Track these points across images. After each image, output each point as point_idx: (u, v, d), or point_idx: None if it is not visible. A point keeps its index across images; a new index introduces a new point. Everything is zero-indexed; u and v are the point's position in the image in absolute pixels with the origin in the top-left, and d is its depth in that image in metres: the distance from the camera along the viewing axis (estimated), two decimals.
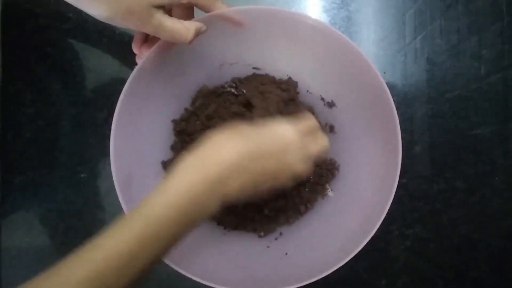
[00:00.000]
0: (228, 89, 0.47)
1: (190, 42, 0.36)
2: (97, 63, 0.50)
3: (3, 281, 0.48)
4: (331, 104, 0.46)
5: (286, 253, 0.43)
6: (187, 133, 0.46)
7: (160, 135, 0.45)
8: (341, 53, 0.40)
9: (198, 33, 0.36)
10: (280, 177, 0.33)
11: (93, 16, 0.32)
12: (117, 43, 0.50)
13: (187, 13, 0.38)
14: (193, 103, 0.47)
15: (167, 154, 0.46)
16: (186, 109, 0.47)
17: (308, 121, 0.37)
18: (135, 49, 0.40)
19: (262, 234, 0.45)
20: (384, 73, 0.51)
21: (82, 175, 0.49)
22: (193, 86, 0.47)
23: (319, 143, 0.37)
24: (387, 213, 0.37)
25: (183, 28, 0.35)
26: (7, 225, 0.48)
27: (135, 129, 0.41)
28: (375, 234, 0.36)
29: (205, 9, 0.38)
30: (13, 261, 0.48)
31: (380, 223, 0.37)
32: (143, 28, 0.34)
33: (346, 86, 0.44)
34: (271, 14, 0.40)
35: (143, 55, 0.39)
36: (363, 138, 0.44)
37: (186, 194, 0.29)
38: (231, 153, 0.30)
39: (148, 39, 0.40)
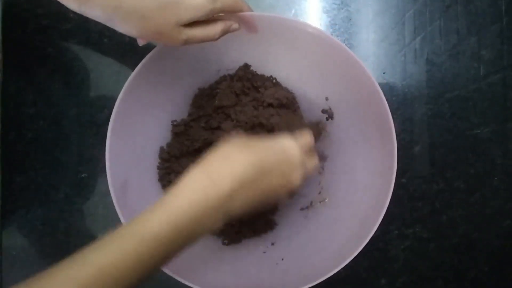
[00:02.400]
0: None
1: (217, 38, 0.37)
2: (97, 63, 0.50)
3: (4, 281, 0.48)
4: (327, 108, 0.47)
5: (282, 259, 0.43)
6: (185, 136, 0.46)
7: (156, 140, 0.45)
8: (338, 59, 0.41)
9: (226, 31, 0.37)
10: (280, 192, 0.33)
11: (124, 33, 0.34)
12: (117, 43, 0.50)
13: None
14: (191, 108, 0.47)
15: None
16: (189, 114, 0.47)
17: (308, 139, 0.37)
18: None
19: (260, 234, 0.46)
20: (384, 73, 0.51)
21: (82, 175, 0.49)
22: (190, 91, 0.47)
23: (313, 162, 0.37)
24: (387, 213, 0.37)
25: (211, 30, 0.36)
26: (8, 225, 0.49)
27: (131, 134, 0.41)
28: (375, 234, 0.37)
29: (235, 12, 0.38)
30: (14, 260, 0.48)
31: (377, 226, 0.37)
32: (172, 44, 0.35)
33: (342, 90, 0.44)
34: (269, 20, 0.40)
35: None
36: (359, 141, 0.44)
37: (188, 213, 0.27)
38: (240, 168, 0.30)
39: None
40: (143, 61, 0.38)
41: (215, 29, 0.36)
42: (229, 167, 0.30)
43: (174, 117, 0.46)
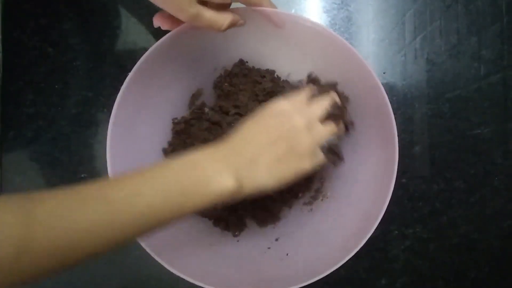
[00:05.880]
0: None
1: (224, 30, 0.36)
2: (97, 63, 0.50)
3: None
4: None
5: (287, 254, 0.43)
6: (186, 135, 0.46)
7: (156, 139, 0.45)
8: (339, 55, 0.40)
9: (233, 24, 0.37)
10: (294, 145, 0.34)
11: None
12: (117, 43, 0.50)
13: (222, 8, 0.38)
14: (189, 107, 0.47)
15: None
16: (192, 112, 0.47)
17: (302, 95, 0.37)
18: (155, 20, 0.39)
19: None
20: (384, 73, 0.51)
21: (82, 175, 0.49)
22: (188, 89, 0.47)
23: (328, 127, 0.37)
24: (387, 213, 0.37)
25: (220, 18, 0.35)
26: None
27: (130, 135, 0.41)
28: (375, 234, 0.36)
29: (252, 5, 0.38)
30: None
31: (380, 219, 0.37)
32: (179, 15, 0.34)
33: (344, 88, 0.44)
34: (265, 15, 0.40)
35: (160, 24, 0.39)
36: (360, 139, 0.44)
37: (198, 156, 0.31)
38: (238, 134, 0.34)
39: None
40: (140, 61, 0.38)
41: (224, 19, 0.35)
42: (242, 141, 0.33)
43: (173, 116, 0.46)
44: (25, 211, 0.24)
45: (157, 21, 0.39)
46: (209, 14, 0.35)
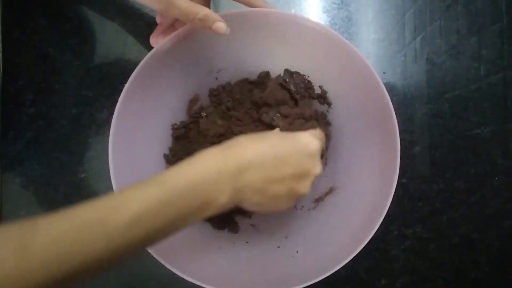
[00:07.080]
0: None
1: (200, 24, 0.36)
2: (97, 64, 0.50)
3: None
4: (329, 103, 0.46)
5: (297, 251, 0.43)
6: (186, 139, 0.46)
7: (156, 146, 0.45)
8: (340, 54, 0.40)
9: (207, 22, 0.36)
10: (295, 188, 0.33)
11: None
12: (117, 43, 0.50)
13: (203, 2, 0.38)
14: (187, 112, 0.47)
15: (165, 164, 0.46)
16: (191, 116, 0.47)
17: (323, 136, 0.38)
18: (152, 40, 0.41)
19: None
20: (384, 73, 0.51)
21: (82, 175, 0.49)
22: (186, 94, 0.47)
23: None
24: (387, 213, 0.37)
25: (195, 8, 0.35)
26: None
27: (131, 143, 0.41)
28: (375, 233, 0.37)
29: (248, 4, 0.39)
30: None
31: (384, 213, 0.37)
32: (152, 4, 0.35)
33: (344, 86, 0.44)
34: (260, 15, 0.40)
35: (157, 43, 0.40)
36: (361, 138, 0.44)
37: (200, 175, 0.29)
38: (252, 152, 0.32)
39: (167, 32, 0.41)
40: (136, 69, 0.38)
41: (201, 9, 0.35)
42: (241, 149, 0.32)
43: (172, 122, 0.46)
44: (22, 238, 0.24)
45: (154, 42, 0.41)
46: (183, 3, 0.35)
